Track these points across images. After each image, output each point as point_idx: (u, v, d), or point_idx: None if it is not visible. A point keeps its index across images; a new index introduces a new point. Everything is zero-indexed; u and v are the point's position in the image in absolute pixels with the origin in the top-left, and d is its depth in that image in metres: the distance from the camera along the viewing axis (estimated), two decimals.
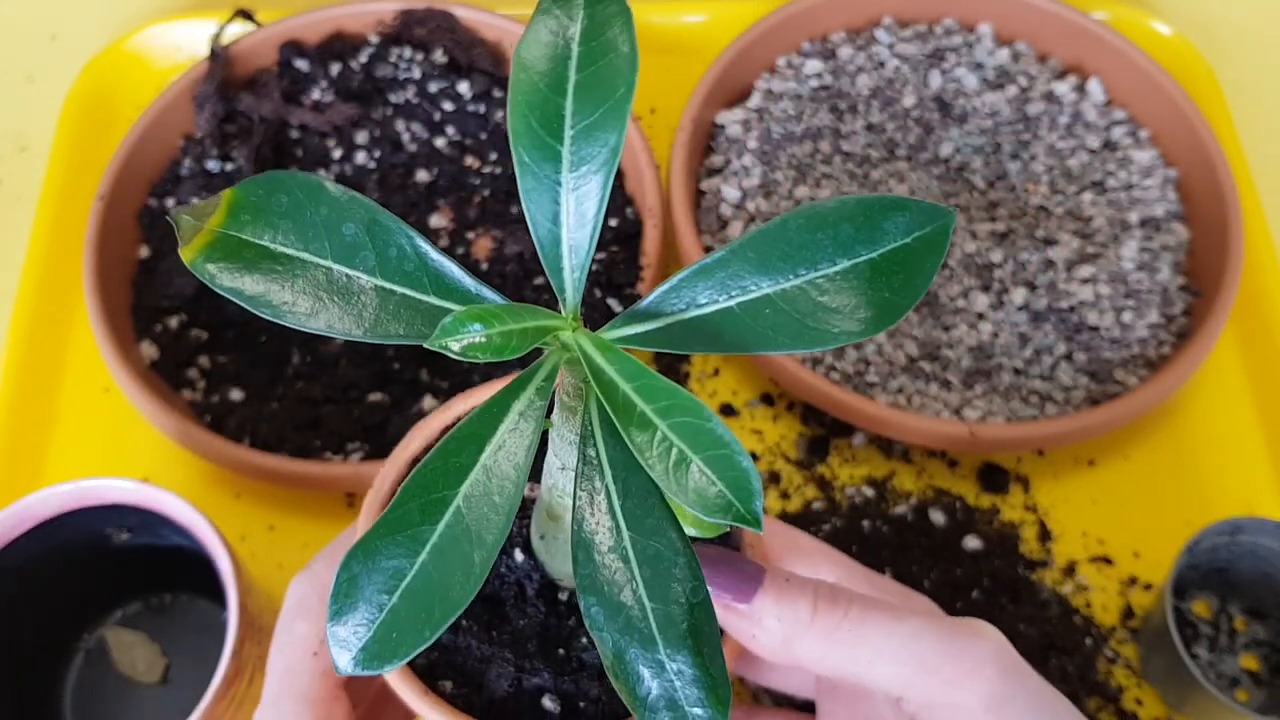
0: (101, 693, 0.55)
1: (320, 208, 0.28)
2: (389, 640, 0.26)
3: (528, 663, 0.35)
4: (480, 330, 0.25)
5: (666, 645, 0.28)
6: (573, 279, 0.29)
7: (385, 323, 0.28)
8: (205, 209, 0.28)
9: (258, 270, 0.28)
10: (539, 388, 0.28)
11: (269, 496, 0.60)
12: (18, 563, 0.50)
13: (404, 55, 0.70)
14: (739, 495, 0.25)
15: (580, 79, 0.29)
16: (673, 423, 0.26)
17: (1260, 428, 0.63)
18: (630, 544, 0.28)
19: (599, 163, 0.29)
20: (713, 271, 0.29)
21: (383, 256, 0.29)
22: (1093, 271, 0.62)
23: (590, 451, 0.29)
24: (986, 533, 0.59)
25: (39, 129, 0.72)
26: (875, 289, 0.28)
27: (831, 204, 0.29)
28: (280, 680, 0.37)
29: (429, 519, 0.27)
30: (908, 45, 0.70)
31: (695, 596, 0.28)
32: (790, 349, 0.28)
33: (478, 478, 0.27)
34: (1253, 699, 0.55)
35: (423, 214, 0.67)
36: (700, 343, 0.29)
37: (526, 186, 0.29)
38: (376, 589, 0.27)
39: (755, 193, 0.66)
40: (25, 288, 0.65)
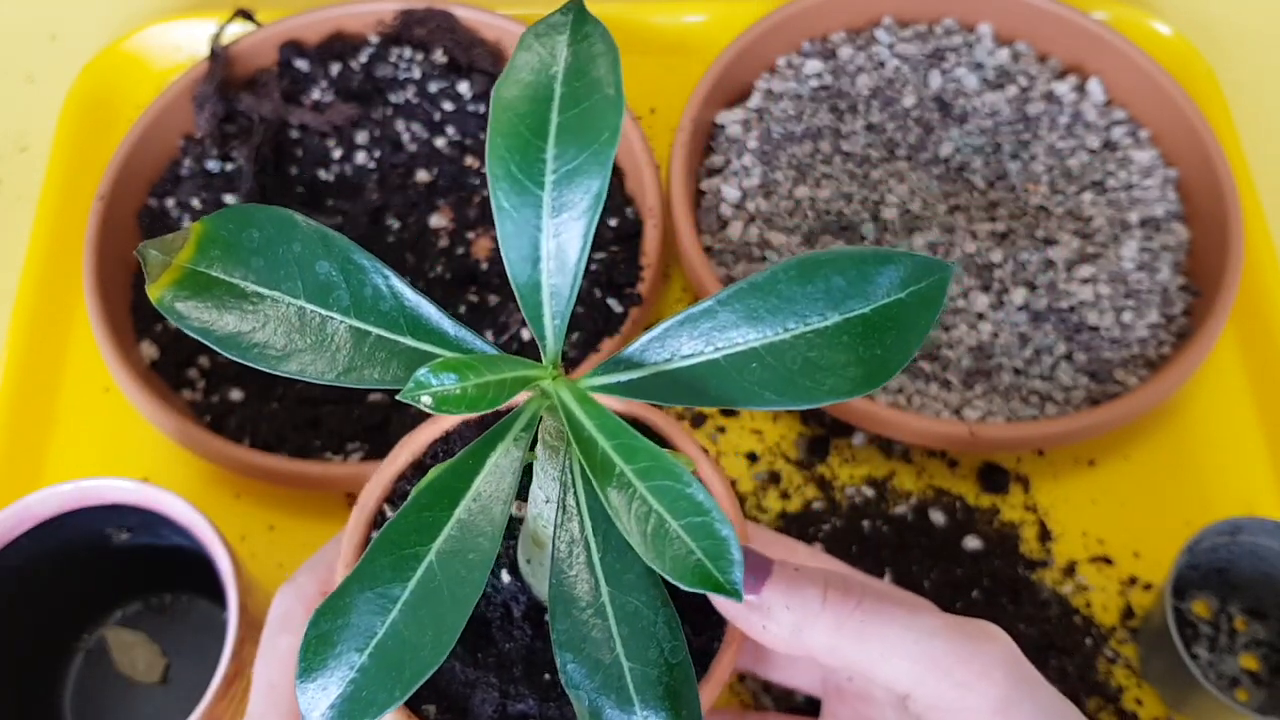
0: (101, 693, 0.55)
1: (293, 244, 0.27)
2: (359, 699, 0.26)
3: (513, 688, 0.34)
4: (455, 382, 0.24)
5: (644, 705, 0.27)
6: (553, 326, 0.28)
7: (360, 366, 0.27)
8: (173, 243, 0.27)
9: (227, 309, 0.27)
10: (516, 438, 0.28)
11: (269, 496, 0.60)
12: (18, 563, 0.50)
13: (404, 55, 0.70)
14: (718, 565, 0.24)
15: (563, 121, 0.28)
16: (652, 485, 0.25)
17: (1260, 427, 0.63)
18: (609, 600, 0.28)
19: (581, 209, 0.28)
20: (698, 321, 0.28)
21: (357, 296, 0.28)
22: (1093, 271, 0.62)
23: (570, 501, 0.28)
24: (986, 533, 0.59)
25: (39, 129, 0.72)
26: (867, 345, 0.28)
27: (824, 255, 0.28)
28: (265, 696, 0.37)
29: (400, 576, 0.26)
30: (908, 45, 0.70)
31: (674, 657, 0.28)
32: (777, 406, 0.27)
33: (451, 533, 0.27)
34: (1253, 699, 0.55)
35: (423, 214, 0.67)
36: (683, 395, 0.28)
37: (505, 232, 0.28)
38: (347, 647, 0.26)
39: (755, 193, 0.66)
40: (25, 288, 0.65)
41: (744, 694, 0.55)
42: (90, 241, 0.62)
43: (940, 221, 0.65)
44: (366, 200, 0.66)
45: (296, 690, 0.26)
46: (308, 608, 0.38)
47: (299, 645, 0.37)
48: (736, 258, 0.64)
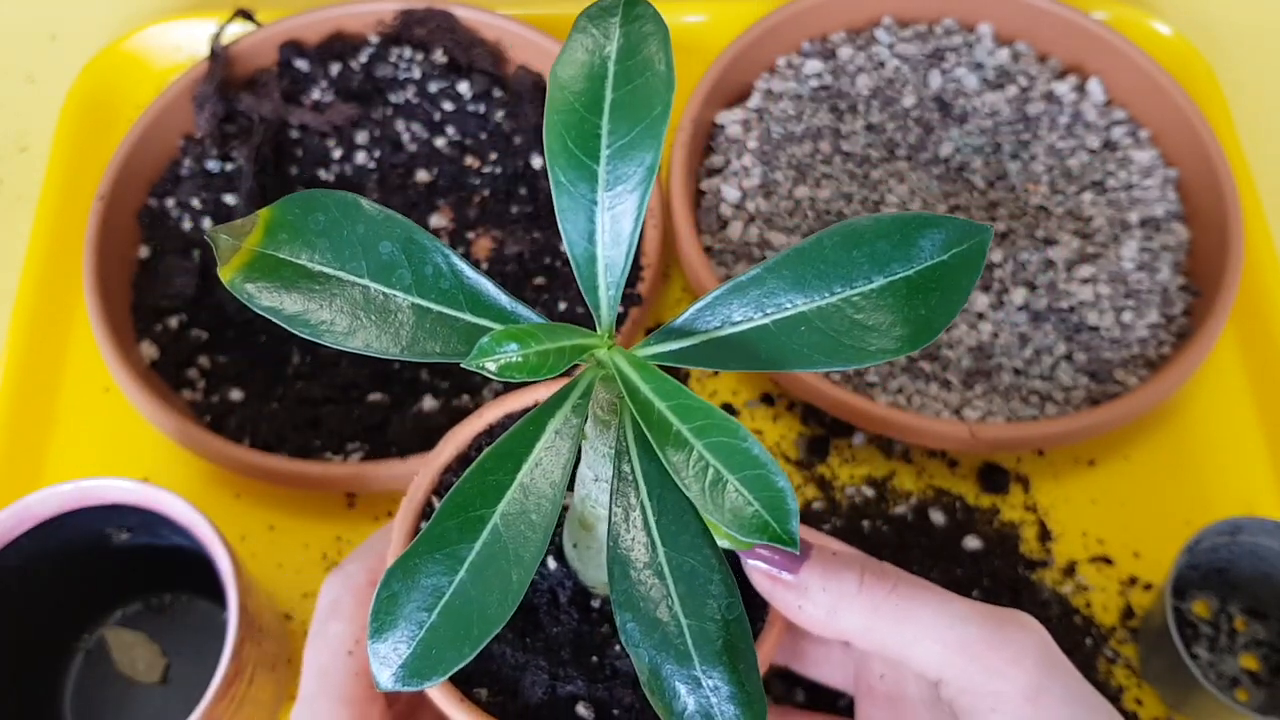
0: (101, 693, 0.55)
1: (357, 226, 0.29)
2: (429, 657, 0.27)
3: (561, 670, 0.35)
4: (517, 350, 0.25)
5: (702, 661, 0.28)
6: (608, 297, 0.29)
7: (422, 341, 0.28)
8: (242, 228, 0.28)
9: (295, 289, 0.28)
10: (575, 405, 0.29)
11: (269, 496, 0.60)
12: (18, 563, 0.50)
13: (404, 55, 0.70)
14: (775, 515, 0.25)
15: (616, 98, 0.29)
16: (709, 442, 0.26)
17: (1260, 427, 0.63)
18: (666, 560, 0.28)
19: (635, 182, 0.29)
20: (747, 289, 0.29)
21: (419, 274, 0.29)
22: (1093, 271, 0.62)
23: (625, 468, 0.29)
24: (986, 533, 0.59)
25: (39, 129, 0.72)
26: (912, 306, 0.29)
27: (867, 221, 0.29)
28: (316, 680, 0.38)
29: (467, 537, 0.27)
30: (908, 45, 0.70)
31: (730, 613, 0.28)
32: (827, 367, 0.28)
33: (515, 496, 0.28)
34: (1253, 699, 0.55)
35: (423, 214, 0.67)
36: (735, 360, 0.29)
37: (562, 205, 0.29)
38: (416, 606, 0.27)
39: (755, 193, 0.66)
40: (25, 288, 0.65)
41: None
42: (90, 241, 0.62)
43: None
44: None
45: (369, 650, 0.27)
46: (356, 596, 0.39)
47: (349, 632, 0.38)
48: (736, 258, 0.64)
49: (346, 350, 0.28)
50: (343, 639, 0.38)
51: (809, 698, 0.55)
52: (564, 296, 0.63)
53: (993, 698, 0.33)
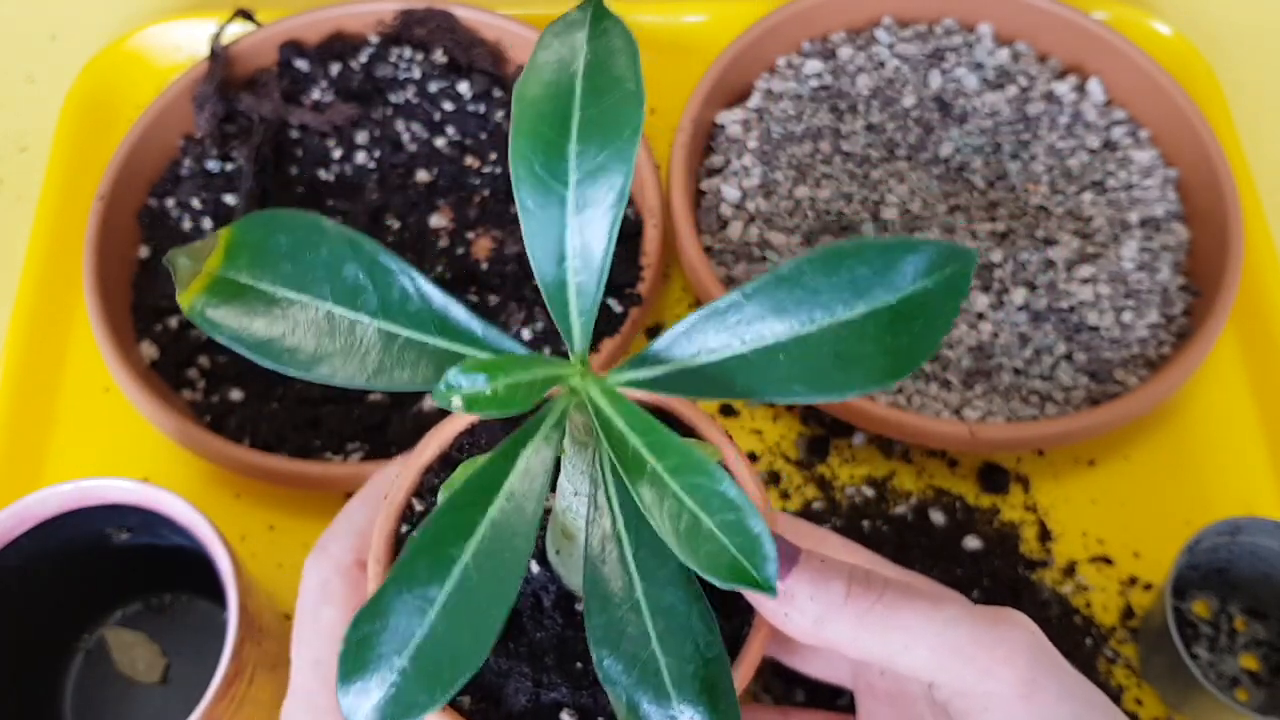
0: (101, 693, 0.55)
1: (320, 248, 0.27)
2: (400, 702, 0.26)
3: (545, 677, 0.34)
4: (486, 382, 0.24)
5: (681, 699, 0.27)
6: (580, 323, 0.28)
7: (390, 369, 0.27)
8: (202, 250, 0.27)
9: (257, 315, 0.27)
10: (547, 436, 0.28)
11: (269, 496, 0.60)
12: (17, 563, 0.50)
13: (404, 55, 0.70)
14: (753, 561, 0.24)
15: (584, 118, 0.28)
16: (684, 482, 0.25)
17: (1260, 428, 0.63)
18: (643, 596, 0.28)
19: (605, 206, 0.28)
20: (725, 315, 0.28)
21: (385, 298, 0.28)
22: (1093, 271, 0.62)
23: (601, 498, 0.28)
24: (986, 533, 0.59)
25: (39, 129, 0.72)
26: (894, 335, 0.27)
27: (848, 246, 0.28)
28: (312, 672, 0.37)
29: (436, 578, 0.26)
30: (908, 45, 0.70)
31: (710, 651, 0.28)
32: (805, 399, 0.27)
33: (486, 533, 0.27)
34: (1253, 699, 0.55)
35: (423, 214, 0.67)
36: (711, 389, 0.28)
37: (530, 230, 0.28)
38: (388, 649, 0.26)
39: (755, 193, 0.66)
40: (25, 288, 0.65)
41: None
42: (90, 241, 0.62)
43: (940, 222, 0.65)
44: (366, 200, 0.66)
45: (338, 694, 0.26)
46: (346, 578, 0.38)
47: (341, 618, 0.37)
48: (736, 258, 0.64)
49: (310, 380, 0.27)
50: (335, 625, 0.37)
51: (809, 697, 0.55)
52: None
53: (985, 698, 0.32)
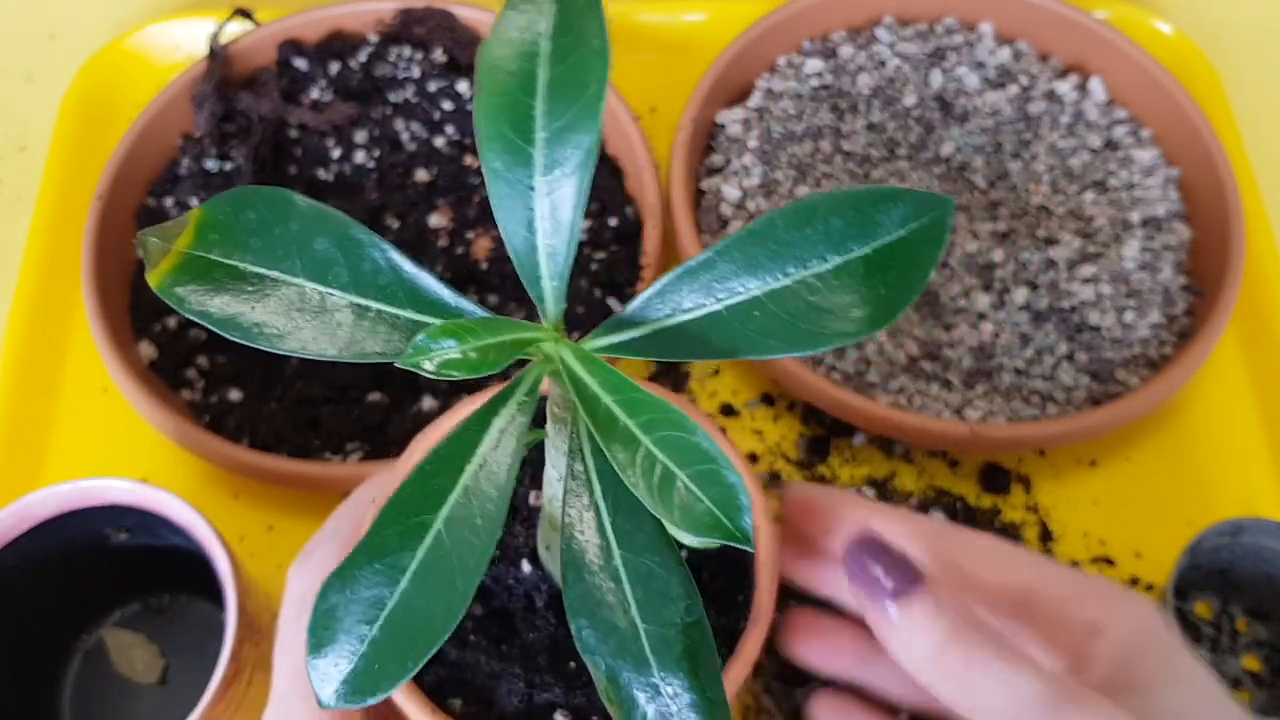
0: (100, 693, 0.55)
1: (290, 223, 0.27)
2: (371, 672, 0.25)
3: (538, 677, 0.34)
4: (455, 346, 0.24)
5: (661, 668, 0.27)
6: (552, 287, 0.28)
7: (361, 340, 0.27)
8: (172, 230, 0.27)
9: (226, 291, 0.27)
10: (520, 403, 0.27)
11: (268, 497, 0.60)
12: (16, 563, 0.50)
13: (403, 54, 0.70)
14: (727, 511, 0.24)
15: (551, 77, 0.27)
16: (657, 437, 0.25)
17: (1262, 428, 0.63)
18: (621, 563, 0.27)
19: (573, 165, 0.27)
20: (698, 274, 0.28)
21: (356, 271, 0.27)
22: (1094, 271, 0.62)
23: (578, 466, 0.28)
24: (987, 533, 0.59)
25: (37, 128, 0.72)
26: (870, 286, 0.27)
27: (820, 198, 0.28)
28: (290, 681, 0.37)
29: (408, 545, 0.26)
30: (908, 44, 0.70)
31: (689, 616, 0.27)
32: (782, 353, 0.27)
33: (458, 500, 0.26)
34: (1254, 700, 0.55)
35: (422, 214, 0.66)
36: (687, 349, 0.28)
37: (498, 193, 0.28)
38: (356, 619, 0.26)
39: (756, 192, 0.65)
40: (24, 287, 0.65)
41: (744, 695, 0.55)
42: (89, 241, 0.62)
43: None
44: (366, 200, 0.66)
45: (308, 667, 0.26)
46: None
47: None
48: None
49: (281, 353, 0.27)
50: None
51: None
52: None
53: None
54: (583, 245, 0.65)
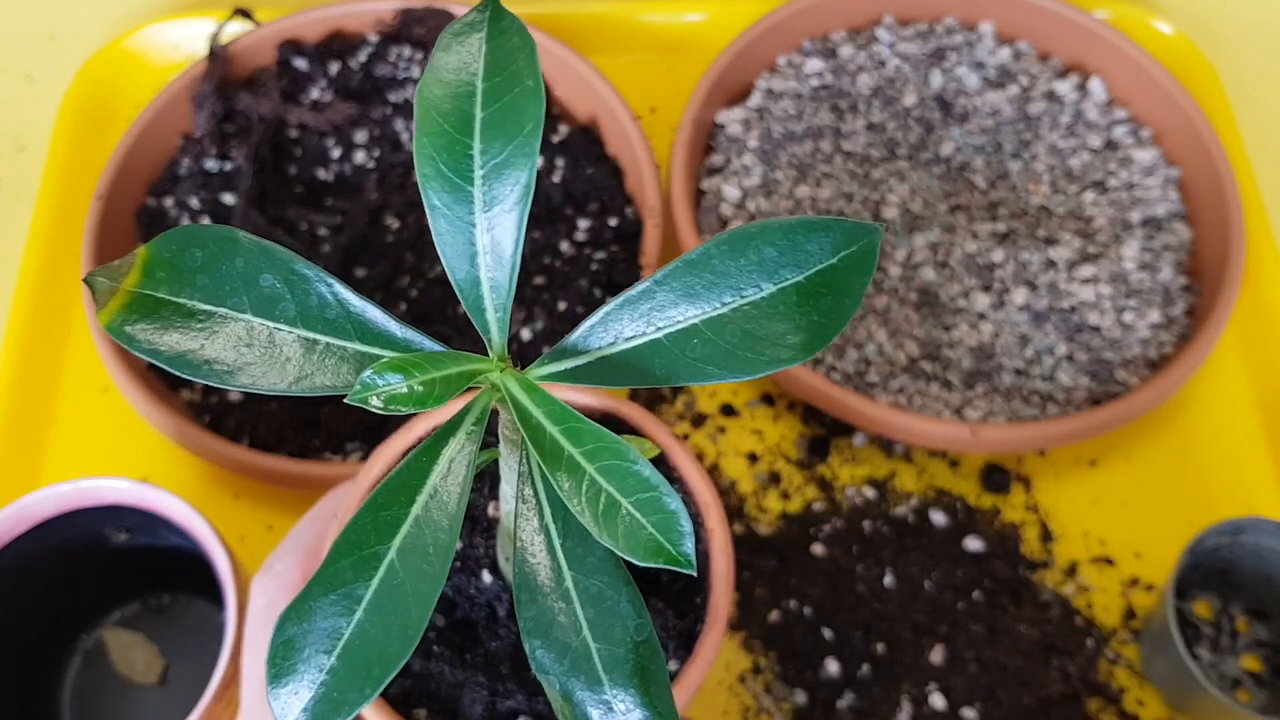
0: (100, 693, 0.55)
1: (236, 260, 0.28)
2: (331, 700, 0.26)
3: (501, 685, 0.35)
4: (401, 381, 0.25)
5: (613, 685, 0.28)
6: (496, 319, 0.29)
7: (311, 375, 0.28)
8: (119, 269, 0.28)
9: (175, 329, 0.27)
10: (469, 432, 0.28)
11: (268, 497, 0.60)
12: (16, 563, 0.50)
13: (403, 54, 0.70)
14: (669, 537, 0.25)
15: (486, 116, 0.28)
16: (600, 466, 0.25)
17: (1262, 428, 0.63)
18: (573, 584, 0.28)
19: (512, 201, 0.28)
20: (638, 303, 0.29)
21: (303, 306, 0.28)
22: (1094, 271, 0.62)
23: (527, 491, 0.29)
24: (988, 533, 0.59)
25: (37, 128, 0.72)
26: (804, 313, 0.28)
27: (754, 228, 0.29)
28: (259, 692, 0.37)
29: (362, 576, 0.27)
30: (909, 44, 0.70)
31: (640, 634, 0.28)
32: (719, 379, 0.28)
33: (410, 530, 0.27)
34: (1254, 700, 0.55)
35: (422, 213, 0.66)
36: (628, 377, 0.28)
37: (439, 229, 0.28)
38: (315, 649, 0.26)
39: (756, 192, 0.65)
40: (24, 287, 0.65)
41: (745, 695, 0.55)
42: (89, 241, 0.62)
43: (941, 221, 0.65)
44: (365, 200, 0.66)
45: (269, 697, 0.26)
46: (291, 597, 0.38)
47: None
48: None
49: (231, 388, 0.28)
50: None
51: (810, 697, 0.55)
52: (564, 296, 0.63)
53: None
54: (582, 245, 0.65)
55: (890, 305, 0.62)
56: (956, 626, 0.56)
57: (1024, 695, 0.54)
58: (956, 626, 0.56)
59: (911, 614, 0.56)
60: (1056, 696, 0.55)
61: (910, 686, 0.55)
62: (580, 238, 0.65)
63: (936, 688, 0.55)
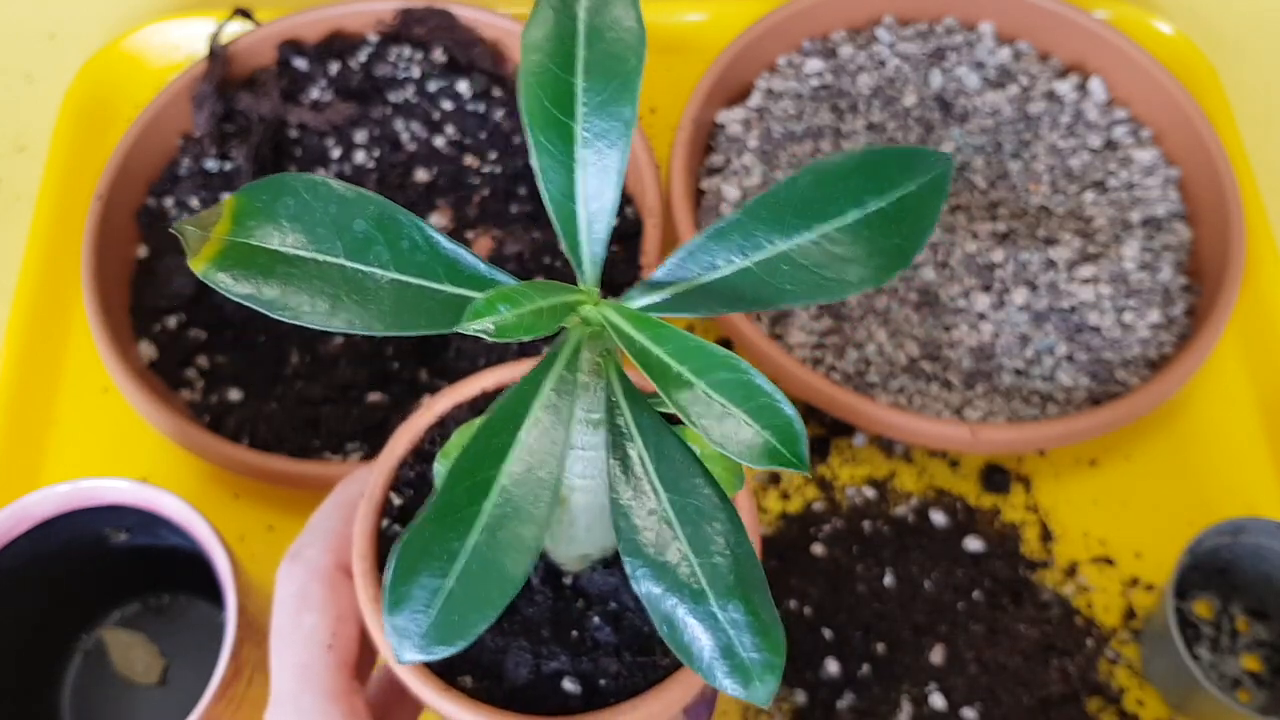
0: (100, 694, 0.55)
1: (329, 206, 0.29)
2: (450, 624, 0.27)
3: (544, 648, 0.35)
4: (509, 310, 0.26)
5: (717, 597, 0.28)
6: (591, 254, 0.30)
7: (404, 315, 0.28)
8: (209, 218, 0.28)
9: (272, 275, 0.28)
10: (567, 362, 0.29)
11: (268, 497, 0.60)
12: (16, 564, 0.50)
13: (403, 54, 0.70)
14: (784, 441, 0.26)
15: (589, 56, 0.29)
16: (710, 380, 0.26)
17: (1262, 428, 0.63)
18: (669, 505, 0.29)
19: (614, 136, 0.29)
20: (728, 234, 0.30)
21: (395, 250, 0.29)
22: (1094, 271, 0.62)
23: (618, 421, 0.29)
24: (988, 533, 0.59)
25: (37, 128, 0.72)
26: (886, 236, 0.29)
27: (837, 159, 0.30)
28: (296, 676, 0.37)
29: (476, 500, 0.27)
30: (908, 44, 0.70)
31: (739, 546, 0.29)
32: (809, 300, 0.29)
33: (519, 455, 0.28)
34: (1254, 700, 0.55)
35: (422, 214, 0.66)
36: (721, 304, 0.29)
37: (542, 164, 0.29)
38: (432, 574, 0.27)
39: (756, 192, 0.65)
40: (23, 287, 0.65)
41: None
42: (89, 241, 0.62)
43: (941, 221, 0.65)
44: None
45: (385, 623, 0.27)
46: (325, 583, 0.38)
47: (324, 624, 0.37)
48: None
49: (331, 331, 0.28)
50: (319, 631, 0.37)
51: (809, 697, 0.55)
52: None
53: None
54: None
55: (890, 305, 0.62)
56: (956, 626, 0.56)
57: (1024, 695, 0.54)
58: (956, 626, 0.56)
59: (911, 614, 0.56)
60: (1056, 696, 0.55)
61: (910, 686, 0.55)
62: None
63: (936, 688, 0.55)
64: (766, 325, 0.62)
